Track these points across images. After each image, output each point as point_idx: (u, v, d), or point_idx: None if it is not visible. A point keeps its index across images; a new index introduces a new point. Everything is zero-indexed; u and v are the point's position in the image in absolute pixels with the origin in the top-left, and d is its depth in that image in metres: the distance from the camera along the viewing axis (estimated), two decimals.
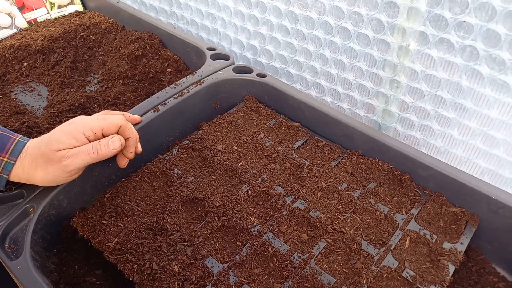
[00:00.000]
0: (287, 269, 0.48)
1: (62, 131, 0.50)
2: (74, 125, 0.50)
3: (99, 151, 0.50)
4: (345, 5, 0.66)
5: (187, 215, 0.54)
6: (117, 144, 0.51)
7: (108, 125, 0.51)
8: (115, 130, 0.52)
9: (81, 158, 0.49)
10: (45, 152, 0.48)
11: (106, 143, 0.50)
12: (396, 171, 0.59)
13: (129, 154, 0.55)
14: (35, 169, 0.49)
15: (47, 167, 0.49)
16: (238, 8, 0.84)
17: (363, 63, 0.70)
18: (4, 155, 0.48)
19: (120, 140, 0.52)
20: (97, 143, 0.50)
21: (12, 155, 0.49)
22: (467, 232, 0.53)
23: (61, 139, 0.49)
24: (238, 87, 0.71)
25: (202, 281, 0.46)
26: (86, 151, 0.49)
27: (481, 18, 0.53)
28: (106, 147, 0.50)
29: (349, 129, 0.62)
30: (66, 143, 0.49)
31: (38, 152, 0.49)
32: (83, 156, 0.49)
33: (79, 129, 0.50)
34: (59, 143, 0.48)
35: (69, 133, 0.49)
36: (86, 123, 0.51)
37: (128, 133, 0.53)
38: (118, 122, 0.52)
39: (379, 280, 0.47)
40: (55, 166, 0.49)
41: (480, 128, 0.62)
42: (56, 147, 0.48)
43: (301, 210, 0.54)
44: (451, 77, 0.61)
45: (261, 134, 0.65)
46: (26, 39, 0.89)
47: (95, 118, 0.52)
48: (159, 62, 0.82)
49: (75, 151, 0.49)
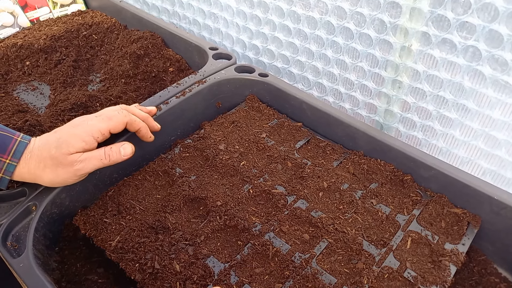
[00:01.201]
0: (288, 269, 0.48)
1: (70, 133, 0.50)
2: (82, 128, 0.51)
3: (111, 157, 0.52)
4: (347, 5, 0.66)
5: (188, 214, 0.54)
6: (129, 151, 0.54)
7: (115, 124, 0.53)
8: (122, 127, 0.54)
9: (93, 163, 0.50)
10: (55, 155, 0.49)
11: (118, 150, 0.53)
12: (398, 172, 0.59)
13: (148, 139, 0.58)
14: (43, 170, 0.49)
15: (57, 170, 0.49)
16: (240, 8, 0.84)
17: (365, 63, 0.70)
18: (6, 156, 0.48)
19: (131, 147, 0.54)
20: (109, 149, 0.52)
21: (14, 156, 0.49)
22: (469, 233, 0.53)
23: (71, 143, 0.49)
24: (240, 87, 0.72)
25: (203, 280, 0.46)
26: (99, 157, 0.51)
27: (484, 18, 0.53)
28: (117, 154, 0.52)
29: (351, 129, 0.62)
30: (77, 147, 0.49)
31: (47, 155, 0.49)
32: (95, 161, 0.50)
33: (88, 131, 0.51)
34: (70, 147, 0.49)
35: (78, 136, 0.50)
36: (93, 125, 0.51)
37: (136, 126, 0.56)
38: (123, 119, 0.54)
39: (380, 280, 0.47)
40: (66, 169, 0.49)
41: (482, 128, 0.61)
42: (67, 151, 0.49)
43: (302, 210, 0.54)
44: (453, 77, 0.61)
45: (263, 134, 0.65)
46: (28, 38, 0.89)
47: (101, 119, 0.52)
48: (161, 62, 0.82)
49: (87, 156, 0.50)
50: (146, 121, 0.58)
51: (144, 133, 0.57)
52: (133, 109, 0.57)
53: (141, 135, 0.57)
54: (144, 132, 0.57)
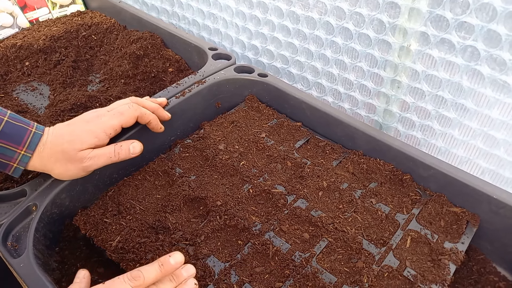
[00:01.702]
0: (289, 268, 0.48)
1: (84, 129, 0.51)
2: (95, 124, 0.52)
3: (120, 155, 0.53)
4: (346, 6, 0.67)
5: (188, 214, 0.54)
6: (138, 149, 0.54)
7: (126, 119, 0.54)
8: (133, 122, 0.56)
9: (102, 160, 0.51)
10: (67, 150, 0.50)
11: (127, 148, 0.53)
12: (397, 171, 0.59)
13: (159, 130, 0.59)
14: (54, 163, 0.51)
15: (67, 164, 0.50)
16: (239, 8, 0.84)
17: (364, 63, 0.71)
18: (22, 148, 0.50)
19: (140, 146, 0.55)
20: (119, 147, 0.53)
21: (29, 148, 0.50)
22: (468, 232, 0.53)
23: (84, 139, 0.50)
24: (240, 87, 0.72)
25: (203, 280, 0.47)
26: (108, 155, 0.52)
27: (482, 18, 0.54)
28: (127, 151, 0.53)
29: (351, 129, 0.63)
30: (89, 143, 0.51)
31: (59, 149, 0.50)
32: (104, 159, 0.52)
33: (101, 128, 0.52)
34: (83, 143, 0.50)
35: (91, 132, 0.51)
36: (106, 121, 0.53)
37: (146, 118, 0.57)
38: (134, 113, 0.55)
39: (380, 279, 0.47)
40: (76, 165, 0.50)
41: (481, 128, 0.62)
42: (80, 147, 0.50)
43: (302, 209, 0.54)
44: (452, 77, 0.61)
45: (263, 134, 0.65)
46: (28, 38, 0.89)
47: (112, 114, 0.53)
48: (161, 62, 0.82)
49: (97, 153, 0.51)
50: (156, 112, 0.59)
51: (154, 125, 0.58)
52: (143, 101, 0.58)
53: (151, 127, 0.58)
54: (154, 124, 0.58)
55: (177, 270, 0.44)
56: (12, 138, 0.49)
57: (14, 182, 0.58)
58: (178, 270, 0.44)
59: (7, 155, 0.49)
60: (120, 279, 0.41)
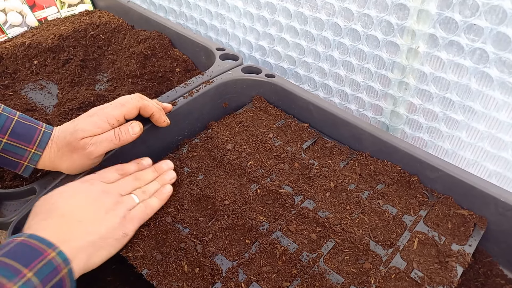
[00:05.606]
0: (296, 267, 0.48)
1: (86, 121, 0.52)
2: (98, 116, 0.53)
3: (121, 137, 0.53)
4: (355, 7, 0.67)
5: (196, 213, 0.54)
6: (137, 129, 0.54)
7: (129, 109, 0.54)
8: (136, 112, 0.56)
9: (104, 145, 0.52)
10: (70, 141, 0.51)
11: (126, 129, 0.54)
12: (404, 173, 0.59)
13: (162, 124, 0.59)
14: (61, 158, 0.51)
15: (72, 155, 0.51)
16: (247, 9, 0.84)
17: (372, 64, 0.71)
18: (32, 146, 0.51)
19: (139, 125, 0.55)
20: (118, 130, 0.53)
21: (40, 146, 0.51)
22: (475, 235, 0.53)
23: (86, 128, 0.51)
24: (247, 87, 0.72)
25: (211, 277, 0.47)
26: (109, 138, 0.52)
27: (491, 21, 0.54)
28: (127, 133, 0.53)
29: (358, 130, 0.63)
30: (90, 132, 0.51)
31: (63, 142, 0.51)
32: (106, 143, 0.52)
33: (104, 118, 0.52)
34: (84, 132, 0.51)
35: (94, 123, 0.52)
36: (108, 112, 0.53)
37: (149, 110, 0.57)
38: (137, 104, 0.55)
39: (387, 280, 0.48)
40: (79, 153, 0.51)
41: (489, 130, 0.62)
42: (81, 135, 0.51)
43: (309, 210, 0.54)
44: (460, 79, 0.61)
45: (270, 134, 0.65)
46: (36, 37, 0.90)
47: (115, 106, 0.54)
48: (168, 62, 0.82)
49: (98, 138, 0.52)
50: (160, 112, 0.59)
51: (157, 117, 0.58)
52: (147, 98, 0.59)
53: (154, 120, 0.58)
54: (157, 116, 0.58)
55: (158, 163, 0.56)
56: (22, 137, 0.50)
57: (24, 180, 0.59)
58: (159, 163, 0.56)
59: (18, 153, 0.50)
60: (110, 170, 0.52)
